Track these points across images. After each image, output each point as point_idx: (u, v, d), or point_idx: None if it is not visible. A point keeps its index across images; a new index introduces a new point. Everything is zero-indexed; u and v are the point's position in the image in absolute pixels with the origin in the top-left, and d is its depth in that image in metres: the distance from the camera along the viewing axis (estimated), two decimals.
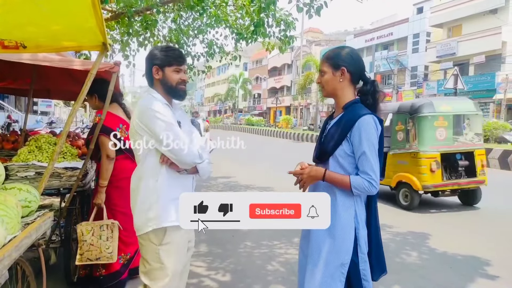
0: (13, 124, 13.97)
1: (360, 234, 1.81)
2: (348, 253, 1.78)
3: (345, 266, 1.78)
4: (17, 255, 1.68)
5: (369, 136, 1.76)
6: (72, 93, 5.02)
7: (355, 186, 1.75)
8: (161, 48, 2.10)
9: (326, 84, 1.91)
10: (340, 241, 1.78)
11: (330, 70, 1.88)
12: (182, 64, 2.07)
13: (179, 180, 2.01)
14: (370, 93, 1.87)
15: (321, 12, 5.42)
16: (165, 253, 1.95)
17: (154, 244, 1.95)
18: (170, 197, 1.95)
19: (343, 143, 1.81)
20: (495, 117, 24.43)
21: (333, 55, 1.90)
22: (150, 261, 1.97)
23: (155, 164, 1.97)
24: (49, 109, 29.22)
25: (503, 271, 3.76)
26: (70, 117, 2.41)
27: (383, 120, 1.85)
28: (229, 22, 7.17)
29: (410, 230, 5.08)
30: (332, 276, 1.78)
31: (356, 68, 1.88)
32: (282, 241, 4.55)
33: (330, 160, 1.86)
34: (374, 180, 1.74)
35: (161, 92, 2.06)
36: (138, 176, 2.03)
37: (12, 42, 2.22)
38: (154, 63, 2.04)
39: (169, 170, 1.98)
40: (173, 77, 2.04)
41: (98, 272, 3.04)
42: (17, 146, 3.96)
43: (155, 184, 1.96)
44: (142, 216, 1.97)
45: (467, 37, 27.96)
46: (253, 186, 8.20)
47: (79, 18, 1.94)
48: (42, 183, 2.33)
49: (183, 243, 2.03)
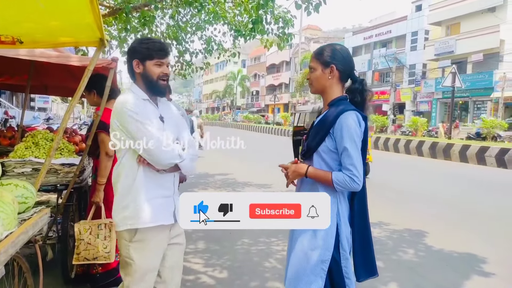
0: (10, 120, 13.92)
1: (341, 230, 1.81)
2: (329, 250, 1.78)
3: (325, 262, 1.79)
4: (13, 251, 1.67)
5: (351, 131, 1.75)
6: (69, 89, 5.00)
7: (336, 182, 1.74)
8: (141, 41, 2.04)
9: (315, 80, 1.91)
10: (321, 238, 1.79)
11: (320, 67, 1.88)
12: (163, 57, 1.99)
13: (157, 180, 1.97)
14: (359, 92, 1.88)
15: (319, 9, 5.42)
16: (134, 250, 1.95)
17: (125, 240, 1.96)
18: (147, 197, 1.94)
19: (326, 139, 1.82)
20: (492, 115, 24.51)
21: (323, 52, 1.89)
22: (123, 255, 2.00)
23: (132, 164, 1.94)
24: (46, 105, 29.10)
25: (499, 269, 3.78)
26: (67, 113, 2.41)
27: (367, 116, 1.85)
28: (227, 19, 7.15)
29: (406, 227, 5.10)
30: (313, 272, 1.79)
31: (346, 67, 1.88)
32: (279, 238, 4.56)
33: (314, 156, 1.86)
34: (355, 176, 1.73)
35: (142, 87, 2.00)
36: (117, 173, 2.00)
37: (9, 38, 2.21)
38: (134, 56, 1.97)
39: (147, 169, 1.94)
40: (154, 71, 1.96)
41: (95, 269, 3.04)
42: (14, 142, 3.95)
43: (132, 183, 1.93)
44: (120, 213, 1.96)
45: (465, 35, 28.00)
46: (251, 183, 8.20)
47: (76, 14, 1.93)
48: (39, 179, 2.32)
49: (157, 242, 2.01)
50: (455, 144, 13.57)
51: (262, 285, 3.31)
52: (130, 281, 1.97)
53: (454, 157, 13.30)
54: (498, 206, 6.66)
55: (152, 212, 1.94)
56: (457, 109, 28.68)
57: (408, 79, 33.45)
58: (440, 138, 17.81)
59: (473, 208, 6.41)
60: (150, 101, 2.00)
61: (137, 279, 1.97)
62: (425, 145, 14.68)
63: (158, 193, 1.98)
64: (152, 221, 1.94)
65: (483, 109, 27.55)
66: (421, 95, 31.98)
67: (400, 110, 32.79)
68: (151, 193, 1.95)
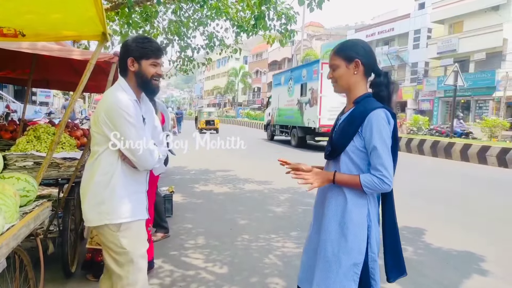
0: (12, 114, 13.90)
1: (372, 233, 1.76)
2: (361, 253, 1.73)
3: (358, 266, 1.73)
4: (15, 244, 1.68)
5: (380, 130, 1.68)
6: (71, 83, 5.00)
7: (365, 185, 1.68)
8: (138, 39, 2.02)
9: (340, 78, 1.82)
10: (353, 241, 1.73)
11: (343, 63, 1.79)
12: (159, 58, 2.01)
13: (133, 176, 2.01)
14: (384, 85, 1.79)
15: (322, 5, 5.40)
16: (124, 238, 1.97)
17: (113, 231, 1.97)
18: (125, 193, 1.97)
19: (355, 139, 1.74)
20: (494, 114, 24.46)
21: (345, 48, 1.81)
22: (113, 248, 2.00)
23: (112, 160, 1.95)
24: (48, 99, 29.08)
25: (497, 267, 3.78)
26: (69, 107, 2.40)
27: (396, 114, 1.77)
28: (229, 15, 7.13)
29: (405, 225, 5.10)
30: (346, 275, 1.73)
31: (370, 60, 1.80)
32: (279, 234, 4.57)
33: (341, 156, 1.79)
34: (385, 176, 1.66)
35: (133, 85, 2.00)
36: (93, 169, 1.98)
37: (11, 30, 2.20)
38: (130, 54, 1.97)
39: (124, 166, 1.97)
40: (149, 71, 1.98)
41: (100, 257, 3.07)
42: (16, 136, 3.95)
43: (110, 179, 1.94)
44: (94, 209, 1.96)
45: (468, 33, 27.89)
46: (251, 180, 8.21)
47: (79, 7, 1.92)
48: (40, 173, 2.32)
49: (141, 227, 2.07)
50: (456, 143, 13.54)
51: (261, 281, 3.32)
52: (128, 271, 1.98)
53: (455, 156, 13.28)
54: (498, 205, 6.65)
55: (130, 207, 1.98)
56: (459, 108, 28.62)
57: (410, 77, 33.37)
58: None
59: (473, 207, 6.41)
60: (137, 101, 2.01)
61: (134, 267, 1.99)
62: (426, 144, 14.66)
63: (134, 189, 2.02)
64: (131, 215, 1.98)
65: (485, 108, 27.48)
66: (423, 93, 31.91)
67: (402, 108, 32.72)
68: (128, 189, 1.98)
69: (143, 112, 2.03)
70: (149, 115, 2.11)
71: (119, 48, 2.12)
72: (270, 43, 7.29)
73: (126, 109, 1.87)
